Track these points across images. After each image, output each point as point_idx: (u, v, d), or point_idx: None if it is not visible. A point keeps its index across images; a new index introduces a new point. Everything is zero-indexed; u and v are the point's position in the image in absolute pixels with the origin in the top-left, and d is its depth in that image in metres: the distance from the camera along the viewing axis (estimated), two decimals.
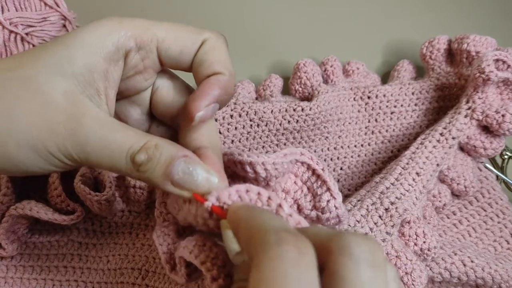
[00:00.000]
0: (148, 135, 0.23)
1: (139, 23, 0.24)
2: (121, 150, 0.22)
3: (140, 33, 0.24)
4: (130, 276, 0.35)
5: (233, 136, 0.42)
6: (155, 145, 0.22)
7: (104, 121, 0.23)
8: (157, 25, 0.25)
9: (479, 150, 0.39)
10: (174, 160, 0.22)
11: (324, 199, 0.26)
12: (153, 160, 0.22)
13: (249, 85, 0.45)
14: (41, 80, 0.22)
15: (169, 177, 0.22)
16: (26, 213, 0.34)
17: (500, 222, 0.41)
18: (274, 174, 0.25)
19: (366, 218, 0.33)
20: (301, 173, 0.26)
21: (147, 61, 0.25)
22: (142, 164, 0.22)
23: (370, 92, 0.44)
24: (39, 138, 0.22)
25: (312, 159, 0.26)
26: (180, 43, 0.25)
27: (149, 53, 0.25)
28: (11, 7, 0.45)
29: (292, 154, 0.25)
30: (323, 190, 0.26)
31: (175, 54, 0.25)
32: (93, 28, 0.23)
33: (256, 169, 0.24)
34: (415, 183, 0.36)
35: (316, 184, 0.26)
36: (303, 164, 0.26)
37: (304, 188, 0.27)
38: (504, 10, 0.53)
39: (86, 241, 0.38)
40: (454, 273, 0.35)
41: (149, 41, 0.24)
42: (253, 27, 0.51)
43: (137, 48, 0.24)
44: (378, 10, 0.52)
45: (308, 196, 0.26)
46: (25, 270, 0.37)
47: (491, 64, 0.37)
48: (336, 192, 0.26)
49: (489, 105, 0.38)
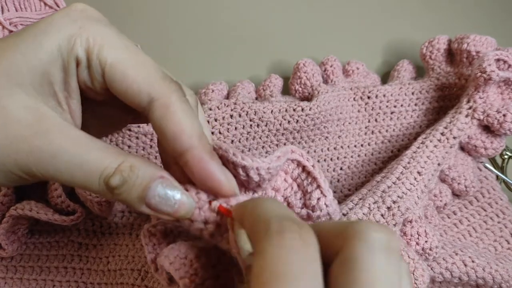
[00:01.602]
0: (123, 154, 0.21)
1: (97, 35, 0.22)
2: (94, 171, 0.21)
3: (92, 48, 0.22)
4: (130, 277, 0.35)
5: (233, 136, 0.42)
6: (130, 167, 0.21)
7: (75, 138, 0.21)
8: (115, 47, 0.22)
9: (479, 150, 0.39)
10: (150, 183, 0.21)
11: (314, 197, 0.25)
12: (128, 183, 0.21)
13: (249, 85, 0.45)
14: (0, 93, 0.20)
15: (144, 201, 0.21)
16: (26, 214, 0.34)
17: (500, 222, 0.41)
18: (267, 178, 0.24)
19: (368, 217, 0.33)
20: (291, 169, 0.26)
21: (95, 82, 0.22)
22: (116, 188, 0.21)
23: (370, 92, 0.44)
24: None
25: (303, 155, 0.25)
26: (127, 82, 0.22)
27: (96, 74, 0.22)
28: (11, 7, 0.45)
29: (284, 155, 0.25)
30: (313, 188, 0.25)
31: (120, 90, 0.22)
32: (51, 30, 0.21)
33: (250, 174, 0.23)
34: (417, 182, 0.36)
35: (306, 181, 0.26)
36: (293, 161, 0.26)
37: (294, 185, 0.26)
38: (504, 10, 0.53)
39: (86, 242, 0.38)
40: (455, 273, 0.35)
41: (98, 62, 0.22)
42: (253, 27, 0.51)
43: (86, 64, 0.22)
44: (378, 10, 0.52)
45: (298, 194, 0.26)
46: (25, 271, 0.37)
47: (492, 64, 0.37)
48: (326, 189, 0.25)
49: (490, 104, 0.38)
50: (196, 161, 0.21)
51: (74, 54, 0.21)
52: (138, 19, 0.50)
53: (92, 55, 0.21)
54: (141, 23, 0.50)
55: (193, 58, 0.49)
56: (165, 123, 0.21)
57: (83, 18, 0.22)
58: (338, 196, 0.44)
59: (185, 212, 0.22)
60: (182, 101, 0.22)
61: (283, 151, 0.25)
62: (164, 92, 0.22)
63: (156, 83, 0.22)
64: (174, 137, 0.21)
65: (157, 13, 0.50)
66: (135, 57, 0.22)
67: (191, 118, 0.22)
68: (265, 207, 0.19)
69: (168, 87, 0.22)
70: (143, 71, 0.22)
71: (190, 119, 0.22)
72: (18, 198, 0.36)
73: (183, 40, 0.49)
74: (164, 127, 0.21)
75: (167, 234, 0.25)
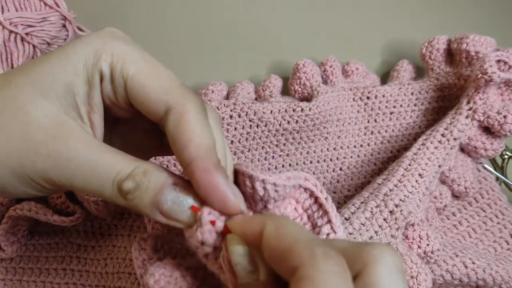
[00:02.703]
0: (137, 160, 0.22)
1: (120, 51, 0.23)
2: (108, 175, 0.21)
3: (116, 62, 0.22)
4: (127, 281, 0.35)
5: (233, 137, 0.42)
6: (143, 172, 0.21)
7: (90, 142, 0.21)
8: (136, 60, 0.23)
9: (479, 151, 0.39)
10: (163, 188, 0.21)
11: (324, 232, 0.24)
12: (141, 188, 0.21)
13: (248, 86, 0.45)
14: (23, 100, 0.21)
15: (157, 206, 0.21)
16: (26, 214, 0.34)
17: (500, 223, 0.41)
18: (273, 196, 0.23)
19: (370, 221, 0.33)
20: (303, 199, 0.25)
21: (118, 96, 0.23)
22: (129, 192, 0.21)
23: (370, 93, 0.44)
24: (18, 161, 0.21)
25: (317, 186, 0.25)
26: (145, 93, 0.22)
27: (119, 88, 0.23)
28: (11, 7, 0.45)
29: (296, 179, 0.24)
30: (323, 222, 0.24)
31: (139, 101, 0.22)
32: (79, 45, 0.22)
33: (255, 185, 0.22)
34: (418, 184, 0.35)
35: (317, 213, 0.25)
36: (306, 191, 0.25)
37: (304, 216, 0.25)
38: (504, 10, 0.53)
39: (85, 244, 0.38)
40: (455, 275, 0.35)
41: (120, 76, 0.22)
42: (253, 27, 0.51)
43: (110, 78, 0.23)
44: (377, 10, 0.52)
45: (307, 226, 0.25)
46: (24, 272, 0.37)
47: (493, 65, 0.37)
48: (337, 225, 0.24)
49: (490, 106, 0.38)
50: (201, 172, 0.21)
51: (98, 68, 0.22)
52: (138, 19, 0.50)
53: (116, 69, 0.22)
54: (141, 23, 0.50)
55: (193, 59, 0.49)
56: (177, 131, 0.21)
57: (110, 36, 0.23)
58: (338, 196, 0.44)
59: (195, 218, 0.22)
60: (197, 111, 0.22)
61: (295, 175, 0.24)
62: (180, 101, 0.22)
63: (173, 92, 0.22)
64: (183, 147, 0.21)
65: (157, 13, 0.50)
66: (154, 69, 0.23)
67: (202, 129, 0.22)
68: (293, 229, 0.19)
69: (185, 97, 0.22)
70: (161, 81, 0.22)
71: (201, 130, 0.22)
72: (18, 199, 0.36)
73: (183, 40, 0.49)
74: (176, 136, 0.21)
75: (157, 249, 0.25)
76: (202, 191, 0.21)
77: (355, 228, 0.32)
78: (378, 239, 0.32)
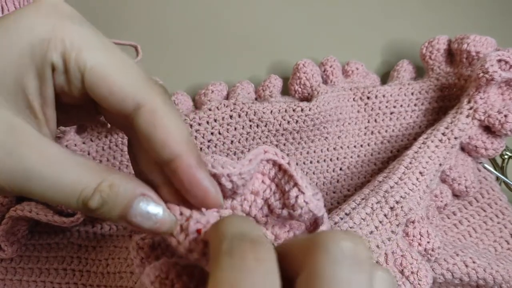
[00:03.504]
0: (102, 171, 0.20)
1: (74, 37, 0.20)
2: (72, 193, 0.19)
3: (69, 52, 0.20)
4: (129, 280, 0.35)
5: (233, 137, 0.42)
6: (109, 186, 0.20)
7: (50, 157, 0.19)
8: (95, 50, 0.20)
9: (480, 151, 0.39)
10: (131, 202, 0.20)
11: (293, 196, 0.24)
12: (108, 204, 0.20)
13: (248, 86, 0.44)
14: None
15: (126, 220, 0.20)
16: (26, 215, 0.34)
17: (500, 223, 0.41)
18: (241, 184, 0.23)
19: (371, 216, 0.33)
20: (267, 170, 0.25)
21: (72, 86, 0.21)
22: (96, 209, 0.20)
23: (370, 93, 0.44)
24: None
25: (277, 154, 0.25)
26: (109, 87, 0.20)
27: (74, 79, 0.20)
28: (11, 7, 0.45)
29: (257, 157, 0.24)
30: (290, 186, 0.24)
31: (101, 96, 0.20)
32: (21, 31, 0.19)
33: (221, 182, 0.22)
34: (419, 182, 0.35)
35: (283, 179, 0.25)
36: (269, 161, 0.25)
37: (272, 185, 0.25)
38: (504, 10, 0.53)
39: (86, 244, 0.38)
40: (456, 274, 0.35)
41: (76, 67, 0.20)
42: (253, 27, 0.51)
43: (63, 68, 0.20)
44: (377, 10, 0.52)
45: (277, 194, 0.25)
46: (25, 273, 0.37)
47: (494, 64, 0.37)
48: (304, 186, 0.24)
49: (491, 105, 0.38)
50: (185, 169, 0.20)
51: (48, 59, 0.20)
52: (138, 19, 0.50)
53: (70, 59, 0.20)
54: (141, 23, 0.50)
55: (193, 59, 0.49)
56: (153, 129, 0.20)
57: (56, 16, 0.20)
58: (338, 196, 0.44)
59: (167, 229, 0.21)
60: (167, 104, 0.21)
61: (255, 153, 0.24)
62: (149, 97, 0.20)
63: (142, 87, 0.21)
64: (162, 145, 0.20)
65: (157, 13, 0.50)
66: (117, 60, 0.21)
67: (178, 123, 0.21)
68: (225, 226, 0.18)
69: (154, 91, 0.21)
70: (127, 76, 0.20)
71: (177, 124, 0.21)
72: (18, 199, 0.36)
73: (183, 40, 0.49)
74: (152, 134, 0.20)
75: (155, 247, 0.25)
76: (185, 186, 0.21)
77: (356, 223, 0.32)
78: (378, 234, 0.32)
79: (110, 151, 0.40)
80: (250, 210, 0.25)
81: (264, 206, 0.25)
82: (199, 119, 0.40)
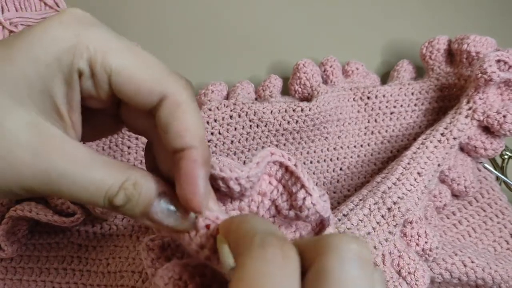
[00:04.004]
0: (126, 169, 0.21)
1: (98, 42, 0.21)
2: (99, 191, 0.20)
3: (95, 57, 0.21)
4: (130, 279, 0.35)
5: (233, 137, 0.42)
6: (133, 184, 0.21)
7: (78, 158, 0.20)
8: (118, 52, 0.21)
9: (479, 151, 0.39)
10: (152, 200, 0.21)
11: (300, 197, 0.24)
12: (132, 202, 0.21)
13: (248, 86, 0.45)
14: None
15: (148, 217, 0.22)
16: (26, 215, 0.34)
17: (500, 223, 0.41)
18: (249, 186, 0.24)
19: (368, 218, 0.33)
20: (274, 171, 0.26)
21: (100, 90, 0.22)
22: (120, 206, 0.21)
23: (370, 93, 0.44)
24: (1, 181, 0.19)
25: (283, 155, 0.25)
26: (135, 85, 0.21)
27: (101, 82, 0.21)
28: (11, 7, 0.45)
29: (264, 160, 0.24)
30: (297, 188, 0.25)
31: (129, 95, 0.21)
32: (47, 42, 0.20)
33: (230, 185, 0.23)
34: (417, 183, 0.36)
35: (290, 181, 0.25)
36: (275, 163, 0.25)
37: (279, 187, 0.26)
38: (504, 10, 0.53)
39: (86, 243, 0.38)
40: (454, 273, 0.35)
41: (102, 70, 0.21)
42: (253, 27, 0.51)
43: (90, 73, 0.21)
44: (377, 10, 0.52)
45: (284, 195, 0.25)
46: (25, 272, 0.37)
47: (493, 65, 0.37)
48: (311, 188, 0.24)
49: (490, 105, 0.38)
50: (189, 161, 0.21)
51: (75, 66, 0.20)
52: (138, 19, 0.50)
53: (96, 64, 0.21)
54: (141, 23, 0.50)
55: (193, 59, 0.49)
56: (172, 120, 0.21)
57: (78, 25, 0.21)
58: (338, 196, 0.44)
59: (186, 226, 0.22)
60: (193, 100, 0.22)
61: (262, 156, 0.24)
62: (176, 90, 0.22)
63: (168, 80, 0.22)
64: (177, 135, 0.21)
65: (157, 13, 0.50)
66: (140, 58, 0.22)
67: (197, 119, 0.22)
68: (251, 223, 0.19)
69: (179, 84, 0.22)
70: (153, 71, 0.21)
71: (197, 120, 0.22)
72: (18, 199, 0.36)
73: (183, 40, 0.49)
74: (170, 124, 0.21)
75: (165, 248, 0.25)
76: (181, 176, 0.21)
77: (353, 224, 0.33)
78: (375, 235, 0.33)
79: (110, 151, 0.40)
80: (258, 211, 0.25)
81: (271, 207, 0.26)
82: None
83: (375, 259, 0.32)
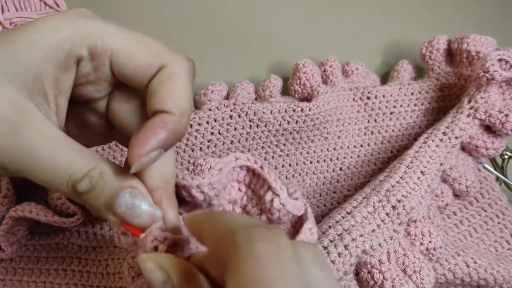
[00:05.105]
0: (95, 159, 0.21)
1: (96, 30, 0.22)
2: (63, 174, 0.20)
3: (95, 42, 0.21)
4: None
5: (233, 137, 0.42)
6: (100, 173, 0.21)
7: (51, 138, 0.20)
8: (116, 35, 0.22)
9: (480, 150, 0.39)
10: (118, 192, 0.21)
11: (268, 199, 0.23)
12: (96, 190, 0.21)
13: (248, 86, 0.44)
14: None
15: (111, 209, 0.21)
16: (26, 215, 0.34)
17: (500, 223, 0.41)
18: (213, 194, 0.23)
19: (373, 215, 0.33)
20: (242, 177, 0.25)
21: (99, 73, 0.23)
22: (83, 193, 0.21)
23: (370, 93, 0.44)
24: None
25: (249, 159, 0.24)
26: (134, 62, 0.22)
27: (101, 65, 0.22)
28: (11, 7, 0.45)
29: (227, 165, 0.23)
30: (265, 190, 0.24)
31: (129, 73, 0.22)
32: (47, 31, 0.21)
33: (192, 193, 0.22)
34: (420, 182, 0.35)
35: (258, 184, 0.24)
36: (242, 168, 0.24)
37: (249, 192, 0.25)
38: (504, 10, 0.53)
39: (86, 244, 0.38)
40: (457, 274, 0.35)
41: (103, 53, 0.22)
42: (253, 27, 0.51)
43: (90, 57, 0.22)
44: (377, 10, 0.52)
45: (254, 200, 0.24)
46: (24, 273, 0.37)
47: (495, 64, 0.37)
48: (278, 188, 0.23)
49: (492, 104, 0.38)
50: (158, 120, 0.21)
51: (73, 53, 0.21)
52: (138, 19, 0.50)
53: (96, 49, 0.21)
54: (141, 23, 0.50)
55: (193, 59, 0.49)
56: (161, 87, 0.21)
57: (79, 17, 0.22)
58: (338, 196, 0.44)
59: (152, 222, 0.21)
60: (188, 75, 0.22)
61: (225, 162, 0.24)
62: (173, 62, 0.22)
63: (166, 54, 0.22)
64: (161, 99, 0.21)
65: (157, 13, 0.50)
66: (139, 38, 0.22)
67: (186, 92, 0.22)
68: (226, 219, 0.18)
69: (178, 58, 0.22)
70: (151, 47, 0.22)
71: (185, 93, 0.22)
72: (18, 200, 0.35)
73: (183, 40, 0.49)
74: (158, 90, 0.21)
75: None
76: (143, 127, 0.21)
77: (357, 221, 0.32)
78: (380, 233, 0.32)
79: (110, 151, 0.40)
80: None
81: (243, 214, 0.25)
82: (199, 119, 0.40)
83: (380, 257, 0.31)
